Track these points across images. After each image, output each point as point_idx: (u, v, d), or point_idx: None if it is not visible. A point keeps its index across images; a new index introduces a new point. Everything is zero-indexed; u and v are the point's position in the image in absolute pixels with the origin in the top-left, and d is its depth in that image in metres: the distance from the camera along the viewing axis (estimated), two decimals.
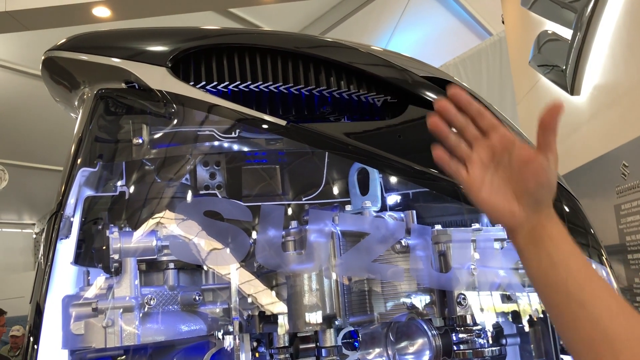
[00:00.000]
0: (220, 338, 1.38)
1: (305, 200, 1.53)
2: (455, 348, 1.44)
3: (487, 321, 1.46)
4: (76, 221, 1.36)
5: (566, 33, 3.61)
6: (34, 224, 14.79)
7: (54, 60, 1.41)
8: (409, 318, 1.37)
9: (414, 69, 1.49)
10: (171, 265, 1.39)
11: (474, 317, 1.41)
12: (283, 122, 1.36)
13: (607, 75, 3.32)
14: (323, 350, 1.33)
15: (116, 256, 1.32)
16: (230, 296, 1.36)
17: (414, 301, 1.36)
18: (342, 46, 1.50)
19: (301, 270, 1.33)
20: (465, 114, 0.92)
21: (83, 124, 1.36)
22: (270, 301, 1.35)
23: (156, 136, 1.42)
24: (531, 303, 1.52)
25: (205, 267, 1.43)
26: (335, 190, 1.57)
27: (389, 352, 1.48)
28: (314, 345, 1.37)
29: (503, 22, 5.29)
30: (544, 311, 1.51)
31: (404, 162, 1.37)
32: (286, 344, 1.35)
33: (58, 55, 1.40)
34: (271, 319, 1.35)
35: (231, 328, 1.36)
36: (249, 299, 1.36)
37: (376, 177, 1.51)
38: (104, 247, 1.34)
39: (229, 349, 1.37)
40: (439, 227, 1.42)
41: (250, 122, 1.37)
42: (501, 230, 1.45)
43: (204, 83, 1.39)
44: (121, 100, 1.39)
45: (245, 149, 1.51)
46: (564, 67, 3.63)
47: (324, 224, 1.34)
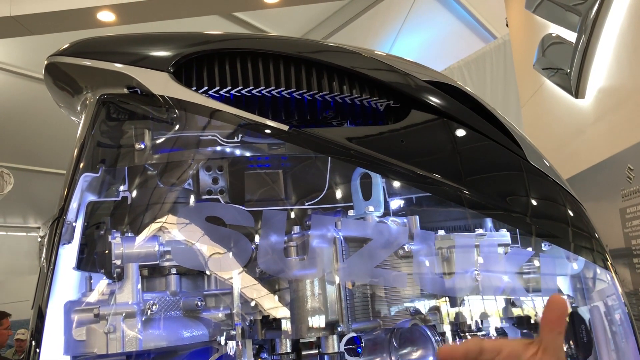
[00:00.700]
0: (222, 344, 1.38)
1: (308, 205, 1.52)
2: None
3: (491, 326, 1.45)
4: (79, 226, 1.36)
5: (570, 36, 3.60)
6: (38, 228, 14.85)
7: (57, 66, 1.41)
8: (412, 324, 1.36)
9: (417, 74, 1.48)
10: (173, 271, 1.38)
11: (477, 322, 1.40)
12: (285, 127, 1.35)
13: (611, 78, 3.30)
14: (326, 356, 1.32)
15: (118, 261, 1.31)
16: (232, 302, 1.35)
17: (417, 307, 1.36)
18: (344, 51, 1.50)
19: (303, 275, 1.32)
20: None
21: (85, 129, 1.36)
22: (273, 307, 1.35)
23: (158, 141, 1.41)
24: (535, 308, 1.51)
25: (207, 273, 1.43)
26: (338, 195, 1.56)
27: (392, 358, 1.47)
28: (316, 351, 1.36)
29: (507, 25, 5.28)
30: None
31: (406, 167, 1.37)
32: (288, 350, 1.34)
33: (60, 60, 1.40)
34: (273, 324, 1.35)
35: (233, 333, 1.35)
36: (251, 305, 1.36)
37: (379, 182, 1.50)
38: (106, 253, 1.34)
39: (231, 354, 1.36)
40: (442, 232, 1.41)
41: (252, 127, 1.37)
42: (505, 235, 1.45)
43: (206, 88, 1.39)
44: (123, 106, 1.39)
45: (248, 153, 1.51)
46: (569, 70, 3.62)
47: (326, 229, 1.33)
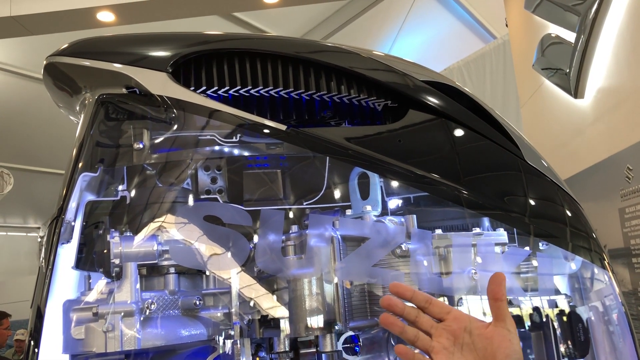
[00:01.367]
0: (220, 343, 1.38)
1: (306, 204, 1.53)
2: None
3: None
4: (77, 225, 1.36)
5: (570, 36, 3.61)
6: (38, 228, 14.85)
7: (56, 66, 1.42)
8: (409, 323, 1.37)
9: (415, 74, 1.49)
10: (172, 270, 1.39)
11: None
12: (283, 127, 1.36)
13: (610, 78, 3.31)
14: (323, 355, 1.33)
15: (117, 261, 1.32)
16: (230, 301, 1.36)
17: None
18: (342, 51, 1.50)
19: (301, 274, 1.33)
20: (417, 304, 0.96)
21: (84, 129, 1.36)
22: (270, 306, 1.35)
23: (157, 141, 1.42)
24: (533, 307, 1.51)
25: (205, 272, 1.43)
26: (336, 195, 1.57)
27: (390, 357, 1.48)
28: (314, 349, 1.37)
29: (507, 25, 5.28)
30: (546, 315, 1.51)
31: (404, 166, 1.37)
32: (286, 349, 1.35)
33: (59, 60, 1.40)
34: (271, 323, 1.35)
35: (232, 332, 1.36)
36: (249, 304, 1.36)
37: (376, 182, 1.51)
38: (105, 252, 1.34)
39: (229, 353, 1.37)
40: (439, 231, 1.41)
41: (250, 127, 1.38)
42: (502, 234, 1.45)
43: (204, 88, 1.40)
44: (122, 106, 1.40)
45: (246, 153, 1.51)
46: (568, 70, 3.63)
47: (324, 228, 1.34)
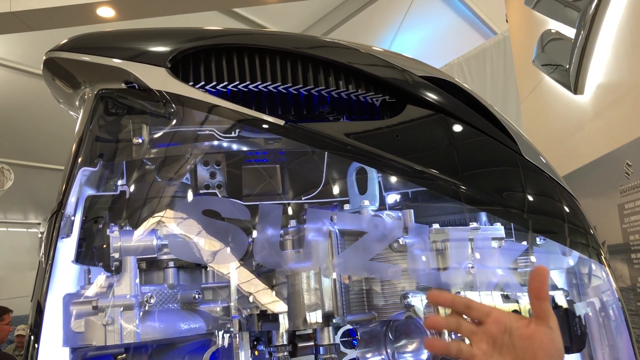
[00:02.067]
0: (219, 336, 1.39)
1: (305, 199, 1.53)
2: None
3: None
4: (77, 220, 1.37)
5: (570, 32, 3.60)
6: (39, 224, 14.86)
7: (55, 61, 1.42)
8: (406, 316, 1.38)
9: (412, 69, 1.49)
10: (171, 264, 1.39)
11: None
12: (282, 122, 1.36)
13: (610, 74, 3.31)
14: (321, 348, 1.34)
15: (116, 255, 1.32)
16: (229, 295, 1.37)
17: (412, 300, 1.37)
18: (340, 46, 1.51)
19: (298, 268, 1.33)
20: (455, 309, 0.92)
21: (84, 124, 1.37)
22: (268, 300, 1.36)
23: (156, 136, 1.43)
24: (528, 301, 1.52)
25: (204, 266, 1.44)
26: (335, 190, 1.57)
27: (388, 351, 1.49)
28: (312, 343, 1.38)
29: (507, 21, 5.27)
30: None
31: (401, 161, 1.38)
32: (285, 342, 1.36)
33: (59, 56, 1.41)
34: (270, 317, 1.36)
35: (230, 326, 1.37)
36: (248, 298, 1.37)
37: (374, 177, 1.51)
38: (105, 246, 1.35)
39: (229, 347, 1.38)
40: (436, 226, 1.42)
41: (249, 122, 1.38)
42: (499, 229, 1.46)
43: (203, 83, 1.40)
44: (121, 101, 1.40)
45: (245, 148, 1.52)
46: (568, 66, 3.62)
47: (321, 223, 1.34)
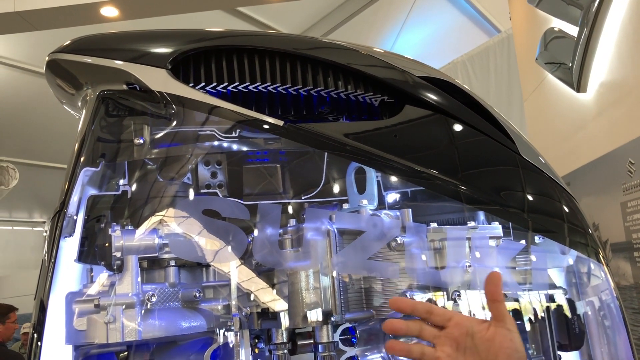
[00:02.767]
0: (220, 334, 1.41)
1: (305, 199, 1.55)
2: None
3: (483, 317, 1.47)
4: (80, 219, 1.39)
5: (572, 30, 3.59)
6: (44, 222, 14.93)
7: (57, 63, 1.44)
8: (404, 315, 1.39)
9: (411, 69, 1.50)
10: (172, 263, 1.41)
11: (470, 313, 1.42)
12: (281, 123, 1.38)
13: (613, 72, 3.30)
14: (320, 346, 1.35)
15: (118, 254, 1.34)
16: (229, 293, 1.38)
17: (410, 298, 1.38)
18: (339, 47, 1.52)
19: (297, 267, 1.35)
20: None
21: (85, 124, 1.39)
22: (268, 298, 1.37)
23: (157, 136, 1.44)
24: (530, 301, 1.53)
25: (204, 265, 1.46)
26: (334, 189, 1.59)
27: None
28: (311, 341, 1.39)
29: (511, 19, 5.26)
30: (547, 308, 1.53)
31: (400, 161, 1.39)
32: (284, 340, 1.37)
33: (61, 57, 1.42)
34: (269, 315, 1.38)
35: (231, 324, 1.38)
36: (247, 296, 1.38)
37: (373, 176, 1.52)
38: (107, 245, 1.37)
39: (229, 344, 1.39)
40: (434, 224, 1.43)
41: (248, 123, 1.39)
42: (497, 227, 1.47)
43: (203, 84, 1.42)
44: (123, 102, 1.42)
45: (245, 148, 1.53)
46: (570, 65, 3.62)
47: (320, 222, 1.36)
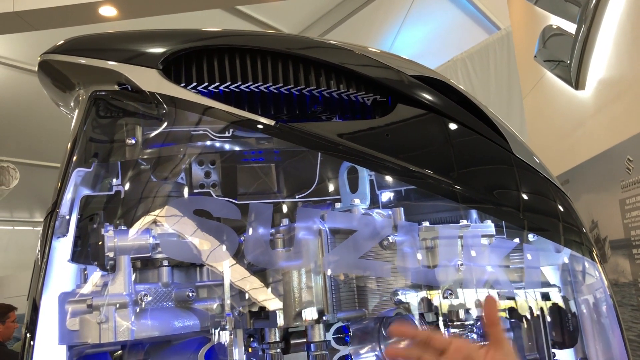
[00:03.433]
0: (214, 333, 1.41)
1: (297, 198, 1.55)
2: None
3: (476, 315, 1.47)
4: (73, 220, 1.39)
5: (571, 27, 3.59)
6: None
7: (49, 63, 1.44)
8: (396, 313, 1.39)
9: (403, 68, 1.50)
10: (165, 263, 1.41)
11: (463, 311, 1.42)
12: (272, 122, 1.38)
13: (611, 70, 3.30)
14: (312, 344, 1.36)
15: (111, 254, 1.34)
16: (223, 293, 1.38)
17: (401, 297, 1.38)
18: (331, 46, 1.52)
19: (289, 267, 1.35)
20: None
21: (78, 124, 1.39)
22: (260, 298, 1.38)
23: (149, 136, 1.44)
24: (526, 299, 1.53)
25: (197, 265, 1.46)
26: (327, 188, 1.59)
27: (381, 347, 1.50)
28: (304, 340, 1.40)
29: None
30: (541, 308, 1.53)
31: (392, 160, 1.39)
32: (277, 339, 1.38)
33: (53, 58, 1.42)
34: (261, 314, 1.38)
35: (224, 323, 1.38)
36: (239, 296, 1.39)
37: (365, 175, 1.53)
38: (100, 245, 1.37)
39: (222, 344, 1.40)
40: (426, 223, 1.43)
41: (240, 123, 1.39)
42: (489, 226, 1.47)
43: (195, 84, 1.42)
44: (115, 102, 1.42)
45: (238, 148, 1.53)
46: (569, 62, 3.61)
47: (312, 221, 1.36)
